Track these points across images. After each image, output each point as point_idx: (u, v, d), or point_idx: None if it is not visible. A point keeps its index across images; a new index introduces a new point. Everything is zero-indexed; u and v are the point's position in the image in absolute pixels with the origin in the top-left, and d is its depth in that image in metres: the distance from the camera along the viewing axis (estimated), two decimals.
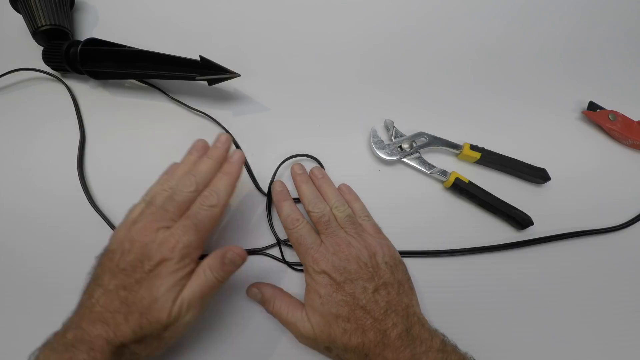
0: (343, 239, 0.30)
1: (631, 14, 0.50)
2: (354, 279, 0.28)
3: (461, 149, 0.39)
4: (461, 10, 0.49)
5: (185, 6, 0.48)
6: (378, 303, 0.27)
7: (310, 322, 0.28)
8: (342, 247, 0.29)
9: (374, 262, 0.29)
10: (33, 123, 0.41)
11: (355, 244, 0.30)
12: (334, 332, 0.27)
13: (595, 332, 0.33)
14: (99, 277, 0.25)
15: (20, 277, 0.34)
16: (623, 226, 0.37)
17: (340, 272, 0.28)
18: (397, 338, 0.26)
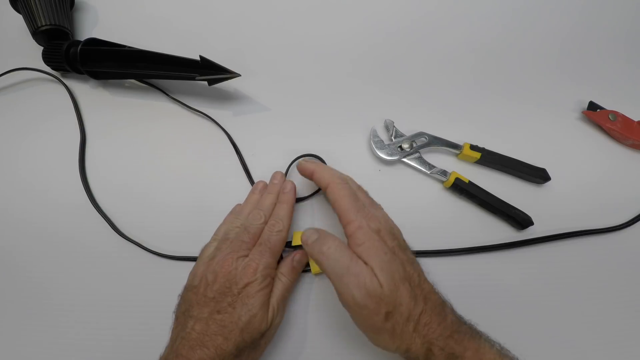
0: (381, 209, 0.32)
1: (631, 14, 0.50)
2: (404, 248, 0.29)
3: (461, 149, 0.39)
4: (461, 10, 0.49)
5: (185, 6, 0.48)
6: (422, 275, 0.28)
7: (378, 277, 0.25)
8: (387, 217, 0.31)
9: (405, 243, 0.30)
10: (33, 123, 0.41)
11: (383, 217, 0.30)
12: (401, 294, 0.25)
13: (595, 332, 0.33)
14: (188, 310, 0.27)
15: (21, 277, 0.34)
16: (623, 226, 0.37)
17: (391, 236, 0.28)
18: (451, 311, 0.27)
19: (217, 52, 0.40)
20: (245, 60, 0.44)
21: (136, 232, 0.35)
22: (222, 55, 0.39)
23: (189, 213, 0.36)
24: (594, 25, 0.49)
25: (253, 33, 0.47)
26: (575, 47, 0.48)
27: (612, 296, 0.34)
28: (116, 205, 0.37)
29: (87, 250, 0.35)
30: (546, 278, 0.35)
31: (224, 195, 0.37)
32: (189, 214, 0.36)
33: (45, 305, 0.33)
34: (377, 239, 0.27)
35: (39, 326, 0.32)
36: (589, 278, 0.35)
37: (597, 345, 0.33)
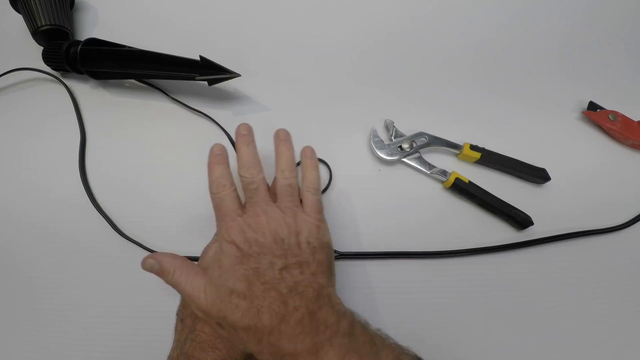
0: (265, 210, 0.28)
1: (631, 13, 0.50)
2: (263, 253, 0.25)
3: (461, 149, 0.39)
4: (461, 11, 0.49)
5: (185, 6, 0.48)
6: (283, 282, 0.24)
7: (204, 293, 0.25)
8: (262, 218, 0.27)
9: (294, 240, 0.26)
10: (33, 123, 0.41)
11: (278, 218, 0.27)
12: (225, 307, 0.24)
13: (595, 332, 0.33)
14: (195, 312, 0.27)
15: (21, 277, 0.34)
16: (623, 226, 0.37)
17: (250, 244, 0.26)
18: (297, 324, 0.23)
19: (217, 52, 0.40)
20: (246, 60, 0.44)
21: (136, 232, 0.35)
22: (222, 55, 0.39)
23: (189, 212, 0.36)
24: (594, 25, 0.49)
25: (253, 33, 0.47)
26: (575, 47, 0.48)
27: (612, 296, 0.34)
28: (116, 205, 0.37)
29: (87, 250, 0.35)
30: (546, 278, 0.35)
31: None
32: (189, 214, 0.36)
33: (45, 305, 0.33)
34: (225, 251, 0.26)
35: (38, 326, 0.32)
36: (589, 278, 0.35)
37: (597, 345, 0.33)
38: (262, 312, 0.24)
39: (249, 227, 0.26)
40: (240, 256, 0.25)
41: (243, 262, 0.25)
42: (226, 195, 0.29)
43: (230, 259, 0.25)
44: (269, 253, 0.25)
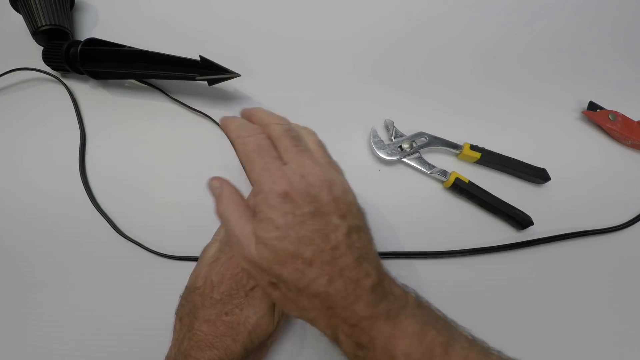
0: (316, 161, 0.24)
1: (631, 13, 0.50)
2: (326, 213, 0.22)
3: (461, 149, 0.39)
4: (462, 11, 0.49)
5: (185, 6, 0.48)
6: (352, 246, 0.22)
7: (257, 251, 0.22)
8: (315, 169, 0.23)
9: (348, 199, 0.23)
10: (33, 123, 0.41)
11: (329, 171, 0.24)
12: (287, 272, 0.21)
13: (596, 332, 0.33)
14: (193, 311, 0.27)
15: (20, 277, 0.34)
16: (623, 226, 0.37)
17: (308, 199, 0.22)
18: (371, 290, 0.21)
19: (217, 52, 0.40)
20: (246, 60, 0.44)
21: (136, 231, 0.35)
22: (222, 55, 0.39)
23: (189, 212, 0.36)
24: (594, 25, 0.49)
25: (253, 33, 0.47)
26: (575, 47, 0.48)
27: (612, 296, 0.34)
28: (116, 205, 0.37)
29: (87, 250, 0.35)
30: (546, 278, 0.35)
31: None
32: (189, 214, 0.36)
33: (45, 305, 0.33)
34: (276, 205, 0.22)
35: (38, 326, 0.32)
36: (589, 278, 0.35)
37: (597, 345, 0.33)
38: (335, 278, 0.21)
39: (302, 178, 0.22)
40: (301, 214, 0.21)
41: (305, 222, 0.21)
42: (263, 139, 0.24)
43: (286, 217, 0.21)
44: (331, 212, 0.22)
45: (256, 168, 0.23)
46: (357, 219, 0.23)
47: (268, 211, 0.22)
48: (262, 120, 0.26)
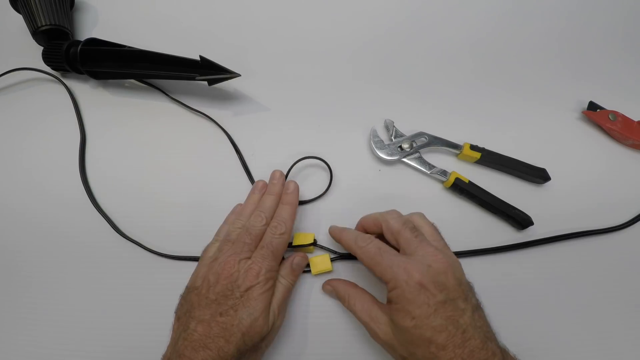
0: (434, 247, 0.27)
1: (631, 13, 0.50)
2: (453, 299, 0.24)
3: (461, 149, 0.39)
4: (461, 9, 0.49)
5: (185, 6, 0.48)
6: (477, 327, 0.24)
7: (392, 332, 0.26)
8: (438, 257, 0.26)
9: (465, 279, 0.26)
10: (33, 123, 0.41)
11: (447, 255, 0.26)
12: (421, 353, 0.24)
13: (596, 332, 0.33)
14: (189, 311, 0.27)
15: (20, 276, 0.34)
16: (623, 226, 0.37)
17: (439, 287, 0.24)
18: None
19: (217, 52, 0.40)
20: (246, 60, 0.44)
21: (136, 231, 0.35)
22: (222, 55, 0.39)
23: (189, 212, 0.36)
24: (595, 25, 0.49)
25: (253, 33, 0.47)
26: (575, 46, 0.48)
27: (613, 297, 0.34)
28: (116, 205, 0.37)
29: (87, 249, 0.35)
30: (546, 279, 0.35)
31: (225, 195, 0.37)
32: (189, 213, 0.36)
33: (45, 304, 0.33)
34: (412, 298, 0.24)
35: (38, 326, 0.32)
36: (589, 278, 0.35)
37: (598, 346, 0.33)
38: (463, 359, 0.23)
39: (429, 267, 0.25)
40: (434, 304, 0.24)
41: (438, 311, 0.24)
42: (378, 242, 0.28)
43: (422, 308, 0.24)
44: (457, 298, 0.25)
45: (385, 267, 0.26)
46: (474, 297, 0.26)
47: (405, 303, 0.25)
48: (347, 244, 0.30)
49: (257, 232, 0.31)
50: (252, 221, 0.31)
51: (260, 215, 0.32)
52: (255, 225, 0.31)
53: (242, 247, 0.29)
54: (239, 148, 0.39)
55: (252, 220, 0.31)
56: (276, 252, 0.30)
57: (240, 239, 0.30)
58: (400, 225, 0.28)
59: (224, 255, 0.29)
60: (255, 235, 0.30)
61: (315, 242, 0.34)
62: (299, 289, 0.33)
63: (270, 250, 0.30)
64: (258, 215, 0.32)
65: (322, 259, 0.33)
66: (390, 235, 0.29)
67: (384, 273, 0.26)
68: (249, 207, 0.34)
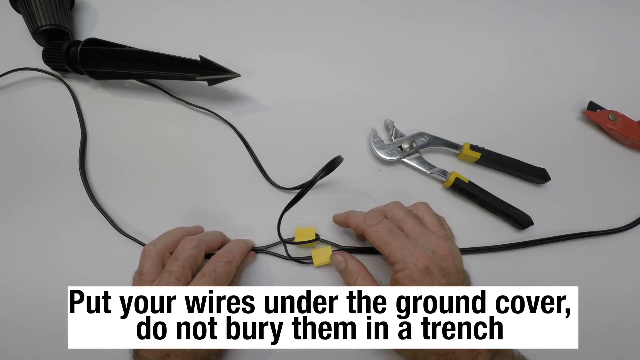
0: (437, 235, 0.28)
1: (631, 13, 0.50)
2: (454, 283, 0.26)
3: (461, 149, 0.39)
4: (462, 10, 0.49)
5: (185, 6, 0.48)
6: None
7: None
8: (441, 244, 0.27)
9: (463, 267, 0.28)
10: (34, 122, 0.41)
11: (449, 243, 0.28)
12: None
13: (596, 332, 0.33)
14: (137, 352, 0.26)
15: (20, 276, 0.34)
16: (624, 228, 0.37)
17: (442, 272, 0.26)
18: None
19: (217, 52, 0.40)
20: (245, 60, 0.44)
21: (137, 230, 0.35)
22: (222, 55, 0.39)
23: (189, 212, 0.36)
24: (594, 25, 0.49)
25: (253, 33, 0.47)
26: (575, 46, 0.48)
27: (613, 298, 0.34)
28: (116, 204, 0.37)
29: (87, 248, 0.35)
30: (546, 279, 0.35)
31: (225, 194, 0.37)
32: (189, 213, 0.36)
33: (45, 304, 0.33)
34: (418, 280, 0.25)
35: (38, 326, 0.32)
36: (589, 279, 0.35)
37: (598, 346, 0.32)
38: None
39: (434, 253, 0.26)
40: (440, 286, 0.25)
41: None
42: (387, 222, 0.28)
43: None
44: (457, 283, 0.26)
45: (394, 248, 0.26)
46: (468, 282, 0.28)
47: (411, 285, 0.25)
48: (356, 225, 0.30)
49: (186, 257, 0.27)
50: (182, 244, 0.28)
51: (192, 240, 0.28)
52: (185, 248, 0.28)
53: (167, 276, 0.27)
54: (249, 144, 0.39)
55: (180, 245, 0.28)
56: (219, 280, 0.27)
57: (167, 267, 0.27)
58: (404, 213, 0.29)
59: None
60: (183, 260, 0.27)
61: (318, 237, 0.34)
62: (301, 280, 0.33)
63: (212, 279, 0.27)
64: (188, 240, 0.28)
65: (324, 250, 0.33)
66: (395, 222, 0.29)
67: (393, 253, 0.26)
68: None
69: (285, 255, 0.34)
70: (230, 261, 0.29)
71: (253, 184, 0.38)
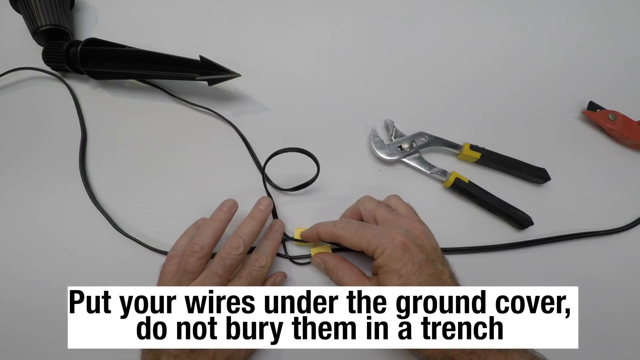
0: (409, 218, 0.30)
1: (631, 12, 0.50)
2: (433, 259, 0.27)
3: (461, 149, 0.39)
4: (462, 10, 0.49)
5: (185, 6, 0.48)
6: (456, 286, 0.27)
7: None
8: (415, 225, 0.29)
9: (438, 246, 0.29)
10: (34, 122, 0.41)
11: (422, 225, 0.30)
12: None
13: (596, 333, 0.33)
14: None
15: (20, 276, 0.34)
16: (625, 228, 0.37)
17: (419, 249, 0.27)
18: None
19: (217, 51, 0.40)
20: (245, 60, 0.44)
21: (137, 230, 0.35)
22: (222, 55, 0.39)
23: (189, 212, 0.36)
24: (595, 24, 0.49)
25: (253, 33, 0.47)
26: (575, 46, 0.48)
27: (613, 299, 0.34)
28: (117, 204, 0.37)
29: (87, 248, 0.35)
30: (546, 279, 0.35)
31: (225, 194, 0.37)
32: (189, 213, 0.36)
33: (45, 304, 0.33)
34: (397, 258, 0.26)
35: (37, 325, 0.32)
36: (589, 279, 0.35)
37: (597, 347, 0.32)
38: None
39: (408, 232, 0.28)
40: (418, 262, 0.26)
41: (422, 268, 0.26)
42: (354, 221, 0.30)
43: (408, 265, 0.26)
44: (435, 259, 0.27)
45: (370, 237, 0.27)
46: (449, 266, 0.29)
47: (392, 264, 0.26)
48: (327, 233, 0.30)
49: (233, 263, 0.29)
50: (229, 248, 0.28)
51: (238, 240, 0.29)
52: (233, 254, 0.28)
53: (212, 279, 0.28)
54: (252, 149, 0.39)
55: (229, 247, 0.29)
56: (254, 284, 0.29)
57: (212, 269, 0.28)
58: (376, 204, 0.31)
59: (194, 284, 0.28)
60: (230, 266, 0.28)
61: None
62: (300, 280, 0.33)
63: (248, 282, 0.29)
64: (236, 240, 0.29)
65: (323, 249, 0.33)
66: (368, 214, 0.31)
67: (370, 243, 0.27)
68: (212, 225, 0.31)
69: (285, 255, 0.34)
70: (263, 266, 0.30)
71: (253, 183, 0.38)
